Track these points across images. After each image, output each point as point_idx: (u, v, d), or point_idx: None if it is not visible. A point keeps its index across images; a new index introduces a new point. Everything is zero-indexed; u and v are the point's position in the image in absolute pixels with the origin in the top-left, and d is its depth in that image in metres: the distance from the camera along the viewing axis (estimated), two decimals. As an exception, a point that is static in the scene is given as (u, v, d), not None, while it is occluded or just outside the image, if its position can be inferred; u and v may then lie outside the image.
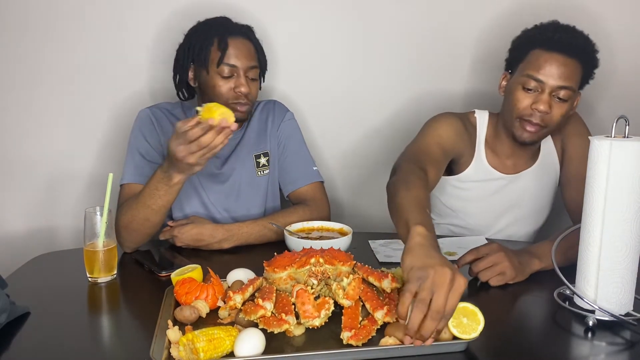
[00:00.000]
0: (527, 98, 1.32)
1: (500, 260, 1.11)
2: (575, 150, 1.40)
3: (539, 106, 1.29)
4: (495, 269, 1.11)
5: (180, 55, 1.46)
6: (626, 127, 0.95)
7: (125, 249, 1.32)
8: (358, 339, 0.85)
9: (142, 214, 1.25)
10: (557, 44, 1.29)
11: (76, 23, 1.70)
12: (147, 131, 1.44)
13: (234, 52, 1.39)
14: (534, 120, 1.32)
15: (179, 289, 1.00)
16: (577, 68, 1.30)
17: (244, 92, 1.40)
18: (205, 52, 1.40)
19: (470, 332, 0.85)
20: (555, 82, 1.28)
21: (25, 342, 0.91)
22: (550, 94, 1.29)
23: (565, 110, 1.32)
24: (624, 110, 1.05)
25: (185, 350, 0.82)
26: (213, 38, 1.40)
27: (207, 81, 1.41)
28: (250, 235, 1.36)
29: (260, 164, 1.53)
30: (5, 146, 1.74)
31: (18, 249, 1.75)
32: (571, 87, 1.29)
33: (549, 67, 1.28)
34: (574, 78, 1.29)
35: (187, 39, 1.46)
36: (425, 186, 1.13)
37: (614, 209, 0.94)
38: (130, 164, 1.41)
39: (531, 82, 1.30)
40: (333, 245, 1.11)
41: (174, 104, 1.54)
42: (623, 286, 0.95)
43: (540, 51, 1.30)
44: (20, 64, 1.70)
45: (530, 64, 1.31)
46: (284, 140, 1.55)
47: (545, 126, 1.33)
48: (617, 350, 0.90)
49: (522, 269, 1.14)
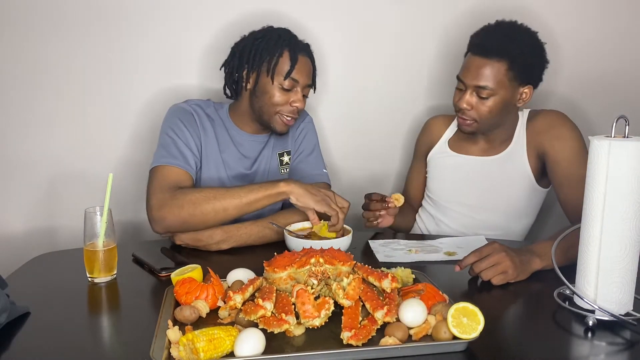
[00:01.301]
0: (457, 95, 1.47)
1: (502, 260, 1.12)
2: (559, 154, 1.43)
3: (461, 104, 1.44)
4: (497, 269, 1.12)
5: (242, 56, 1.47)
6: (626, 127, 0.95)
7: (162, 229, 1.33)
8: (358, 339, 0.85)
9: (226, 203, 1.29)
10: (478, 47, 1.43)
11: (78, 23, 1.70)
12: (188, 123, 1.46)
13: (299, 68, 1.44)
14: (462, 115, 1.47)
15: (179, 289, 1.00)
16: (497, 67, 1.39)
17: (299, 107, 1.46)
18: (276, 61, 1.42)
19: (470, 332, 0.85)
20: (472, 82, 1.42)
21: (25, 342, 0.91)
22: (471, 93, 1.43)
23: (490, 106, 1.42)
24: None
25: (185, 350, 0.82)
26: (284, 49, 1.43)
27: (266, 88, 1.44)
28: (249, 236, 1.36)
29: (284, 162, 1.59)
30: (6, 146, 1.74)
31: (18, 249, 1.75)
32: (487, 87, 1.40)
33: (468, 69, 1.43)
34: (493, 77, 1.39)
35: (252, 41, 1.46)
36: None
37: (613, 209, 0.94)
38: (169, 146, 1.42)
39: (460, 83, 1.46)
40: (333, 245, 1.11)
41: (206, 102, 1.56)
42: (623, 286, 0.95)
43: (469, 55, 1.46)
44: (21, 64, 1.70)
45: (462, 65, 1.47)
46: (301, 139, 1.60)
47: (475, 120, 1.45)
48: (617, 350, 0.90)
49: (524, 268, 1.14)
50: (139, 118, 1.78)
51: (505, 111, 1.45)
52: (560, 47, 1.82)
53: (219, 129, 1.52)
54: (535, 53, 1.43)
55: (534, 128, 1.50)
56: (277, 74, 1.42)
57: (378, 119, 1.91)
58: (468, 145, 1.60)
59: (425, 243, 1.41)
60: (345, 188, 1.89)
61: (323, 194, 1.33)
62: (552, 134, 1.45)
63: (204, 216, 1.30)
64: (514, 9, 1.66)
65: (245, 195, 1.30)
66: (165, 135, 1.44)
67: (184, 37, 1.76)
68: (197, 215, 1.29)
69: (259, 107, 1.47)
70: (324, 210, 1.31)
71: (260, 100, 1.46)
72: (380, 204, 1.46)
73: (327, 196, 1.33)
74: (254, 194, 1.30)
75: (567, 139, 1.42)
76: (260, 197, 1.31)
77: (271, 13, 1.72)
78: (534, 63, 1.43)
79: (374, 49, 1.85)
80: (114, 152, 1.79)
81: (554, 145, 1.44)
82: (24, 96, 1.72)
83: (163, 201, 1.31)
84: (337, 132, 1.91)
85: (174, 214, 1.30)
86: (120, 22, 1.72)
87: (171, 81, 1.78)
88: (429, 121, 1.73)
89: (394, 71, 1.87)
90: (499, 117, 1.45)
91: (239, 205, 1.30)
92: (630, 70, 1.88)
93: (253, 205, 1.31)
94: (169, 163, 1.39)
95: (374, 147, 1.93)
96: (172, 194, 1.32)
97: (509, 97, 1.43)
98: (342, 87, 1.87)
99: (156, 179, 1.37)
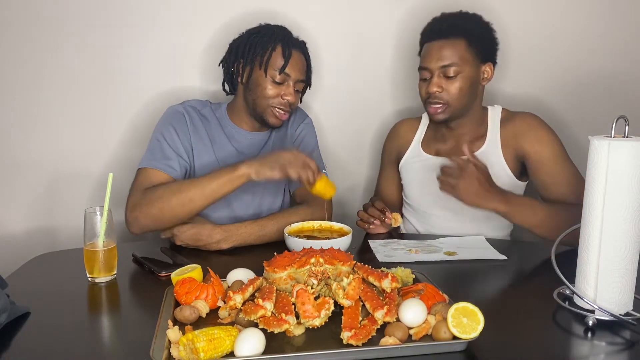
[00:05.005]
0: (424, 85, 1.49)
1: (466, 177, 1.26)
2: (542, 155, 1.45)
3: (431, 88, 1.46)
4: (455, 181, 1.27)
5: (238, 50, 1.50)
6: (626, 127, 0.95)
7: (137, 229, 1.34)
8: (358, 339, 0.85)
9: (190, 194, 1.29)
10: (433, 33, 1.47)
11: (79, 25, 1.70)
12: (179, 127, 1.48)
13: (291, 62, 1.46)
14: (433, 101, 1.47)
15: (179, 289, 1.00)
16: (457, 44, 1.44)
17: (290, 100, 1.48)
18: (269, 55, 1.45)
19: (470, 332, 0.85)
20: (437, 65, 1.44)
21: (25, 342, 0.91)
22: (438, 76, 1.45)
23: (460, 84, 1.45)
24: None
25: (185, 350, 0.82)
26: (277, 43, 1.47)
27: (259, 81, 1.47)
28: (249, 235, 1.36)
29: None
30: (6, 146, 1.74)
31: (18, 249, 1.75)
32: (453, 63, 1.43)
33: (429, 54, 1.47)
34: (455, 54, 1.43)
35: (247, 36, 1.50)
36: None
37: (613, 209, 0.94)
38: (155, 150, 1.44)
39: (424, 73, 1.49)
40: (333, 245, 1.11)
41: (203, 102, 1.59)
42: (623, 286, 0.95)
43: (426, 44, 1.50)
44: (22, 65, 1.70)
45: (421, 57, 1.51)
46: (300, 140, 1.61)
47: (447, 103, 1.46)
48: (617, 350, 0.90)
49: (478, 198, 1.28)
50: (139, 118, 1.78)
51: (472, 90, 1.48)
52: (543, 47, 1.85)
53: (214, 128, 1.54)
54: (488, 30, 1.50)
55: (510, 129, 1.51)
56: (270, 67, 1.45)
57: (373, 119, 1.92)
58: (439, 145, 1.60)
59: (425, 243, 1.41)
60: (341, 185, 1.89)
61: (281, 159, 1.28)
62: (531, 137, 1.47)
63: (173, 210, 1.31)
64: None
65: (208, 184, 1.30)
66: (154, 139, 1.47)
67: (185, 38, 1.77)
68: (166, 209, 1.31)
69: (252, 100, 1.49)
70: (282, 176, 1.27)
71: (253, 93, 1.48)
72: (378, 213, 1.46)
73: (287, 160, 1.28)
74: (216, 180, 1.30)
75: (548, 142, 1.45)
76: (222, 183, 1.29)
77: (272, 14, 1.72)
78: (489, 39, 1.50)
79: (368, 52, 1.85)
80: (114, 152, 1.79)
81: (535, 147, 1.46)
82: (24, 97, 1.72)
83: (136, 202, 1.34)
84: (333, 132, 1.91)
85: (144, 213, 1.32)
86: (121, 24, 1.72)
87: (172, 82, 1.79)
88: (396, 125, 1.72)
89: (390, 73, 1.87)
90: (468, 97, 1.48)
91: (204, 194, 1.30)
92: (630, 71, 1.88)
93: (218, 192, 1.30)
94: (152, 166, 1.41)
95: (371, 146, 1.94)
96: (142, 194, 1.34)
97: (474, 75, 1.47)
98: (341, 88, 1.88)
99: (137, 181, 1.40)
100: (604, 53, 1.87)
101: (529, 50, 1.86)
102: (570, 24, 1.86)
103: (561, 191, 1.42)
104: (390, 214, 1.46)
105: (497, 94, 1.86)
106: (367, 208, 1.49)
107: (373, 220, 1.47)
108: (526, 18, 1.85)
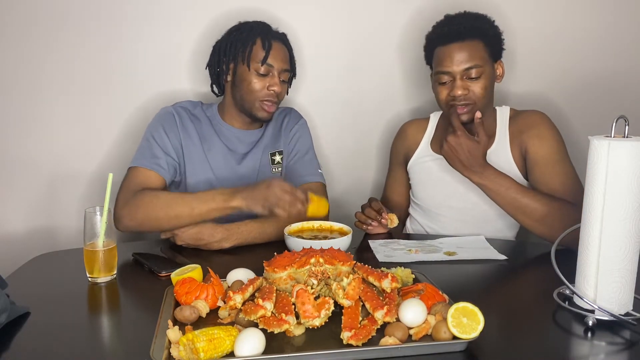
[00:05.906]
0: (445, 89, 1.47)
1: (452, 143, 1.35)
2: (539, 152, 1.46)
3: (456, 92, 1.44)
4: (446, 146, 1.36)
5: (220, 51, 1.53)
6: (626, 127, 0.95)
7: (122, 228, 1.36)
8: (358, 339, 0.85)
9: (178, 211, 1.31)
10: (449, 36, 1.45)
11: (78, 26, 1.70)
12: (168, 127, 1.50)
13: (273, 53, 1.48)
14: (460, 104, 1.45)
15: (179, 289, 1.00)
16: (475, 46, 1.44)
17: (276, 90, 1.49)
18: (250, 49, 1.47)
19: (470, 332, 0.85)
20: (459, 68, 1.44)
21: (25, 342, 0.91)
22: (462, 79, 1.44)
23: (484, 83, 1.45)
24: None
25: (185, 350, 0.82)
26: (256, 37, 1.49)
27: (244, 76, 1.49)
28: (249, 233, 1.37)
29: (275, 161, 1.60)
30: (6, 146, 1.74)
31: (18, 249, 1.75)
32: (476, 65, 1.43)
33: (448, 58, 1.44)
34: (476, 55, 1.44)
35: (227, 35, 1.53)
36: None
37: (613, 209, 0.94)
38: (144, 150, 1.47)
39: (443, 77, 1.47)
40: (333, 245, 1.11)
41: (195, 103, 1.60)
42: (623, 286, 0.95)
43: (440, 48, 1.48)
44: (23, 64, 1.70)
45: (436, 61, 1.49)
46: (295, 141, 1.62)
47: (473, 103, 1.46)
48: (617, 350, 0.90)
49: (462, 167, 1.37)
50: (139, 118, 1.78)
51: (492, 89, 1.50)
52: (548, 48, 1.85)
53: (204, 127, 1.55)
54: (497, 29, 1.51)
55: (516, 126, 1.51)
56: (252, 61, 1.47)
57: (373, 120, 1.92)
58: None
59: (425, 243, 1.41)
60: (340, 185, 1.89)
61: (271, 198, 1.27)
62: (533, 132, 1.47)
63: (158, 220, 1.33)
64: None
65: (198, 206, 1.31)
66: (144, 139, 1.50)
67: (180, 40, 1.77)
68: (152, 219, 1.33)
69: (240, 97, 1.51)
70: (269, 213, 1.28)
71: (240, 90, 1.50)
72: (374, 214, 1.46)
73: (276, 198, 1.27)
74: (207, 205, 1.31)
75: (548, 139, 1.45)
76: (212, 209, 1.31)
77: (273, 17, 1.72)
78: (499, 38, 1.51)
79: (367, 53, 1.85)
80: (114, 152, 1.79)
81: (534, 143, 1.46)
82: (24, 97, 1.73)
83: (125, 200, 1.36)
84: (332, 132, 1.91)
85: (130, 214, 1.34)
86: (119, 26, 1.73)
87: (168, 84, 1.79)
88: (404, 126, 1.72)
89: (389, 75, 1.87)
90: (490, 96, 1.50)
91: (192, 215, 1.32)
92: (630, 71, 1.88)
93: (205, 216, 1.32)
94: (141, 164, 1.44)
95: (371, 146, 1.94)
96: (133, 195, 1.36)
97: (493, 74, 1.49)
98: (341, 89, 1.88)
99: (127, 178, 1.42)
100: (603, 53, 1.88)
101: (530, 51, 1.86)
102: (571, 24, 1.86)
103: (554, 190, 1.41)
104: (386, 215, 1.46)
105: (501, 94, 1.86)
106: (364, 209, 1.49)
107: (370, 222, 1.47)
108: (527, 18, 1.85)
